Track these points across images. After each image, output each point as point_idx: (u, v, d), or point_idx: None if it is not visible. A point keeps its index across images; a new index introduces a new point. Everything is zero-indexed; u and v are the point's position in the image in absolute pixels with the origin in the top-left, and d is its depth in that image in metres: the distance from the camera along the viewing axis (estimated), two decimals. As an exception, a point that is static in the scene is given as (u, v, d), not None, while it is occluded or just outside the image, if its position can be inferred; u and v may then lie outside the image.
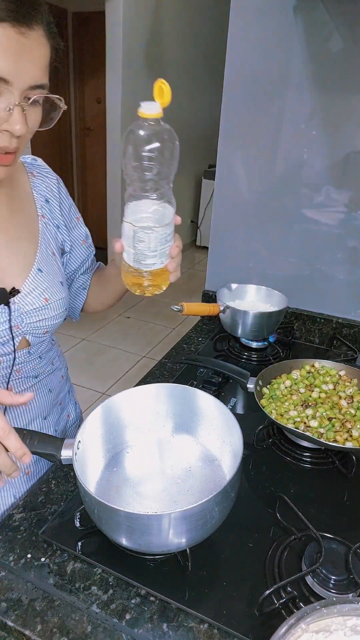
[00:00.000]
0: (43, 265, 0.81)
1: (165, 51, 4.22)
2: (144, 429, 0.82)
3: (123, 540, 0.62)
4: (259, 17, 1.21)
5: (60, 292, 0.83)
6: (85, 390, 2.86)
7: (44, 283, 0.80)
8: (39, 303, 0.79)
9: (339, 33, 1.14)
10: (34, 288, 0.79)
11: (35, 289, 0.79)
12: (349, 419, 0.90)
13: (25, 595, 0.63)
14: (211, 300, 1.51)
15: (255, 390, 0.96)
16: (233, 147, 1.37)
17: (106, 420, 0.78)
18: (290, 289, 1.37)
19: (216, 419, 0.77)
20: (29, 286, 0.78)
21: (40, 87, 0.61)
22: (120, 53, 3.64)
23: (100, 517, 0.62)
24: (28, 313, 0.78)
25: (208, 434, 0.80)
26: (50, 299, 0.80)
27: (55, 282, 0.83)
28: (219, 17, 4.46)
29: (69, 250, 0.92)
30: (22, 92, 0.59)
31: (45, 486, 0.81)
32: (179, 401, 0.81)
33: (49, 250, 0.84)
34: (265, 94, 1.27)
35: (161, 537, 0.60)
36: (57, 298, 0.82)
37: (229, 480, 0.61)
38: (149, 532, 0.60)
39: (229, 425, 0.73)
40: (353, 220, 1.30)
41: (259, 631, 0.60)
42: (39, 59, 0.60)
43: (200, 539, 0.64)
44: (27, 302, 0.78)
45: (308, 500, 0.81)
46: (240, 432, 0.69)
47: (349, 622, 0.52)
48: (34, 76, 0.59)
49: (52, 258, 0.84)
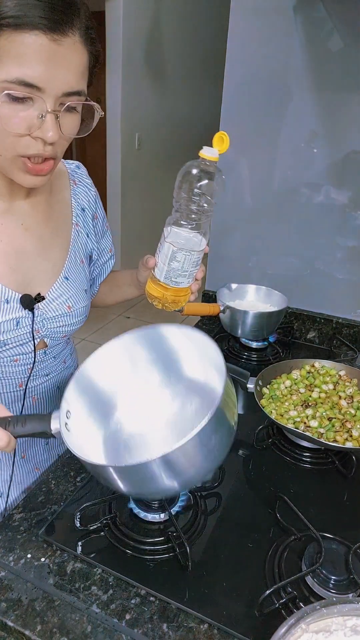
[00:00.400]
0: (70, 272, 0.83)
1: (165, 51, 4.22)
2: (127, 385, 0.75)
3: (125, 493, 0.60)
4: (259, 17, 1.21)
5: (84, 300, 0.84)
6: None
7: (70, 291, 0.82)
8: (62, 310, 0.80)
9: (339, 32, 1.14)
10: (59, 295, 0.80)
11: (60, 296, 0.80)
12: (349, 419, 0.90)
13: (25, 595, 0.63)
14: (211, 300, 1.51)
15: (255, 390, 0.96)
16: (232, 148, 1.37)
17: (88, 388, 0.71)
18: (290, 289, 1.37)
19: (190, 346, 0.71)
20: (54, 293, 0.79)
21: (76, 93, 0.60)
22: (120, 53, 3.64)
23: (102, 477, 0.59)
24: (50, 319, 0.79)
25: (189, 363, 0.73)
26: (73, 306, 0.82)
27: (80, 290, 0.84)
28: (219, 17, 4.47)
29: (96, 259, 0.94)
30: (56, 99, 0.58)
31: (45, 486, 0.81)
32: (150, 346, 0.74)
33: (78, 258, 0.85)
34: (265, 93, 1.27)
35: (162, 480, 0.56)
36: (80, 306, 0.83)
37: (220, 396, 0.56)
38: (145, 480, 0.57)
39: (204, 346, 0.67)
40: (353, 220, 1.30)
41: (259, 631, 0.59)
42: (74, 66, 0.59)
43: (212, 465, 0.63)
44: (50, 308, 0.79)
45: (308, 500, 0.81)
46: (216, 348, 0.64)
47: (349, 622, 0.52)
48: (68, 82, 0.58)
49: (80, 266, 0.85)
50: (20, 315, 0.74)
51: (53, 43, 0.55)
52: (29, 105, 0.58)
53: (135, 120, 4.01)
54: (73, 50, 0.58)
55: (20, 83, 0.55)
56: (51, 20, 0.54)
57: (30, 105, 0.58)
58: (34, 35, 0.54)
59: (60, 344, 0.87)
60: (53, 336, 0.81)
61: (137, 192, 4.24)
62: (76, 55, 0.58)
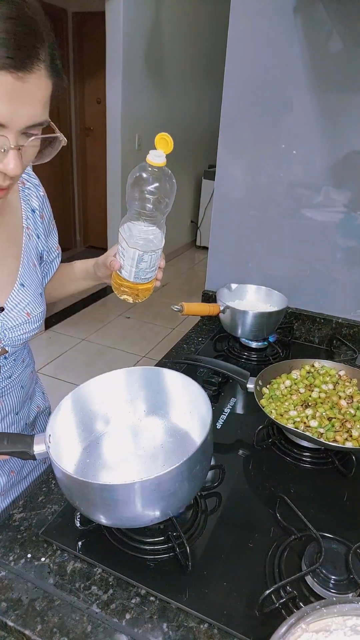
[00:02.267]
0: (25, 279, 0.82)
1: (165, 51, 4.22)
2: (115, 415, 0.82)
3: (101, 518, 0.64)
4: (259, 18, 1.21)
5: (41, 304, 0.84)
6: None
7: (27, 298, 0.81)
8: (21, 318, 0.79)
9: (339, 33, 1.14)
10: (17, 304, 0.79)
11: (18, 305, 0.79)
12: (348, 419, 0.90)
13: (25, 595, 0.63)
14: (211, 300, 1.51)
15: (255, 390, 0.96)
16: (233, 147, 1.37)
17: (76, 410, 0.77)
18: (290, 289, 1.38)
19: (183, 394, 0.78)
20: (12, 302, 0.79)
21: (39, 124, 0.59)
22: (120, 53, 3.64)
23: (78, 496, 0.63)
24: (10, 329, 0.78)
25: (177, 409, 0.80)
26: (32, 313, 0.81)
27: (36, 295, 0.83)
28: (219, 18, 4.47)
29: (46, 259, 0.92)
30: (19, 133, 0.57)
31: (45, 486, 0.81)
32: (147, 383, 0.81)
33: (31, 263, 0.84)
34: (265, 94, 1.27)
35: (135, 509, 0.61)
36: (38, 311, 0.83)
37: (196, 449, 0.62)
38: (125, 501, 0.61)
39: (195, 397, 0.74)
40: (353, 220, 1.30)
41: (259, 631, 0.60)
42: (38, 99, 0.57)
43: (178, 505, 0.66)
44: (10, 317, 0.78)
45: (308, 500, 0.81)
46: (207, 402, 0.70)
47: (349, 622, 0.52)
48: (31, 117, 0.57)
49: (33, 270, 0.84)
50: None
51: (18, 81, 0.53)
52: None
53: (135, 121, 4.00)
54: (38, 85, 0.56)
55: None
56: (17, 59, 0.52)
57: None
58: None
59: (20, 347, 0.86)
60: (13, 344, 0.81)
61: (137, 192, 4.23)
62: (41, 89, 0.57)
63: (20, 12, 0.52)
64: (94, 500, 0.62)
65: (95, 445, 0.79)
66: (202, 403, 0.72)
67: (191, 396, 0.76)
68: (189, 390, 0.76)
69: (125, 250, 0.77)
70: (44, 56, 0.55)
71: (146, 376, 0.81)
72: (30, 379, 0.96)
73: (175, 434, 0.79)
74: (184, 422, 0.79)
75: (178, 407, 0.80)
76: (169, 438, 0.79)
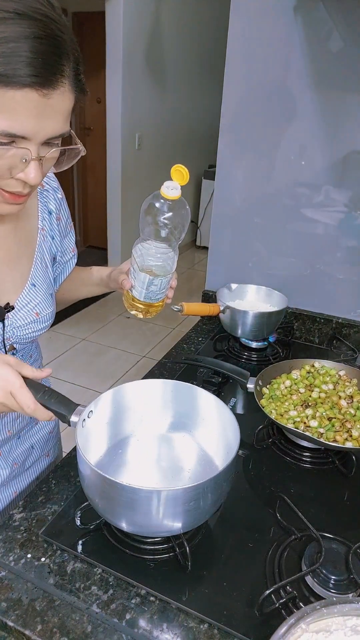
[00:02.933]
0: (37, 279, 0.83)
1: (165, 51, 4.22)
2: (146, 421, 0.84)
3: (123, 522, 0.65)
4: (259, 17, 1.21)
5: (50, 305, 0.85)
6: (85, 390, 2.86)
7: (37, 298, 0.82)
8: (30, 318, 0.81)
9: (339, 33, 1.14)
10: (26, 303, 0.80)
11: (28, 304, 0.81)
12: (348, 419, 0.90)
13: (25, 595, 0.63)
14: (211, 300, 1.51)
15: (255, 390, 0.96)
16: (233, 147, 1.37)
17: (113, 406, 0.80)
18: (290, 289, 1.38)
19: (215, 418, 0.79)
20: (22, 301, 0.80)
21: (60, 136, 0.60)
22: (120, 53, 3.64)
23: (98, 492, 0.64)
24: (19, 327, 0.79)
25: (206, 432, 0.81)
26: (41, 313, 0.82)
27: (47, 295, 0.84)
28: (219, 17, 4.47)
29: (59, 260, 0.93)
30: (40, 144, 0.58)
31: (45, 486, 0.81)
32: (182, 398, 0.82)
33: (43, 263, 0.85)
34: (265, 93, 1.27)
35: (151, 516, 0.62)
36: (47, 312, 0.84)
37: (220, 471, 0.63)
38: (142, 508, 0.62)
39: (225, 425, 0.75)
40: (353, 220, 1.30)
41: (259, 631, 0.60)
42: (60, 113, 0.58)
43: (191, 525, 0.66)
44: (19, 317, 0.79)
45: (308, 500, 0.81)
46: (237, 432, 0.70)
47: (349, 622, 0.52)
48: (54, 130, 0.58)
49: (45, 270, 0.85)
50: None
51: (43, 97, 0.54)
52: (13, 148, 0.57)
53: (135, 120, 4.00)
54: (61, 99, 0.57)
55: (7, 135, 0.55)
56: (42, 77, 0.53)
57: (14, 148, 0.57)
58: (24, 92, 0.52)
59: (28, 345, 0.88)
60: (22, 342, 0.82)
61: (137, 192, 4.24)
62: (64, 103, 0.58)
63: (47, 31, 0.52)
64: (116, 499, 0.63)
65: (119, 448, 0.81)
66: (230, 428, 0.73)
67: (221, 420, 0.77)
68: (220, 413, 0.77)
69: (136, 273, 0.78)
70: (68, 72, 0.56)
71: (180, 391, 0.82)
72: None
73: (199, 452, 0.80)
74: (210, 443, 0.80)
75: (207, 429, 0.81)
76: (192, 455, 0.80)
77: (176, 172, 0.69)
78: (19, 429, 0.91)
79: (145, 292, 0.80)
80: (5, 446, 0.89)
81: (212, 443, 0.80)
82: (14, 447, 0.92)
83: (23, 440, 0.94)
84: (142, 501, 0.61)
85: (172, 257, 0.77)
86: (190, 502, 0.62)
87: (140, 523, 0.65)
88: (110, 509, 0.65)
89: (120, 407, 0.81)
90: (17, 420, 0.90)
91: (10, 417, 0.88)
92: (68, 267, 0.96)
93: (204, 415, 0.81)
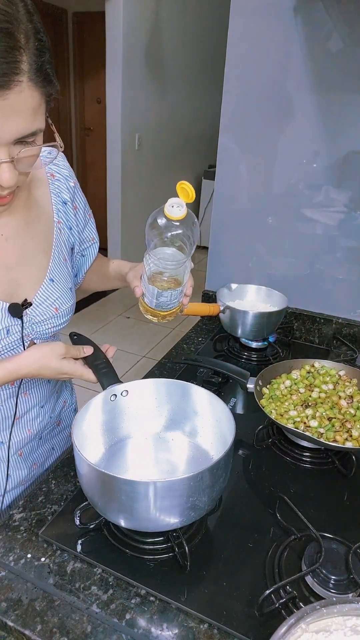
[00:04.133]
0: (55, 274, 0.82)
1: (165, 51, 4.22)
2: (141, 421, 0.84)
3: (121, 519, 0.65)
4: (259, 17, 1.21)
5: (69, 299, 0.84)
6: (84, 390, 2.85)
7: (55, 293, 0.82)
8: (49, 313, 0.80)
9: (339, 33, 1.14)
10: (45, 298, 0.80)
11: (47, 300, 0.80)
12: (348, 419, 0.90)
13: (25, 595, 0.63)
14: (211, 300, 1.51)
15: (255, 390, 0.96)
16: (233, 147, 1.37)
17: (107, 409, 0.80)
18: (290, 289, 1.37)
19: (209, 412, 0.79)
20: (40, 297, 0.79)
21: (32, 134, 0.58)
22: (120, 53, 3.64)
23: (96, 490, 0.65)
24: (38, 323, 0.79)
25: (201, 427, 0.81)
26: (60, 308, 0.82)
27: (66, 289, 0.84)
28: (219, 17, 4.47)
29: (79, 251, 0.92)
30: (9, 146, 0.57)
31: (45, 486, 0.81)
32: (176, 395, 0.83)
33: (62, 257, 0.85)
34: (265, 93, 1.27)
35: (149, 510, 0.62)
36: (66, 306, 0.83)
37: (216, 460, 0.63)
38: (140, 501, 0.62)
39: (220, 418, 0.76)
40: (353, 220, 1.30)
41: (259, 631, 0.59)
42: (23, 111, 0.55)
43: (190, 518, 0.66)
44: (38, 312, 0.79)
45: (308, 500, 0.81)
46: (232, 423, 0.70)
47: (349, 622, 0.52)
48: (19, 130, 0.56)
49: (63, 264, 0.85)
50: (9, 323, 0.75)
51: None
52: None
53: (135, 120, 4.00)
54: (20, 98, 0.53)
55: None
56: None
57: None
58: None
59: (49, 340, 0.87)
60: (42, 337, 0.82)
61: (137, 192, 4.24)
62: (25, 102, 0.54)
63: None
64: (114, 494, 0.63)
65: (115, 449, 0.81)
66: (225, 420, 0.73)
67: (215, 413, 0.78)
68: (214, 406, 0.78)
69: (145, 284, 0.77)
70: (26, 67, 0.52)
71: (173, 389, 0.83)
72: None
73: (196, 448, 0.81)
74: (206, 437, 0.81)
75: (201, 422, 0.82)
76: (189, 452, 0.81)
77: (181, 189, 0.65)
78: (40, 429, 0.91)
79: (156, 302, 0.78)
80: (26, 447, 0.89)
81: (207, 437, 0.80)
82: (35, 447, 0.92)
83: (44, 440, 0.94)
84: (139, 494, 0.61)
85: (182, 271, 0.74)
86: (188, 493, 0.62)
87: (139, 517, 0.65)
88: (109, 505, 0.65)
89: (114, 409, 0.81)
90: (37, 419, 0.90)
91: (29, 416, 0.88)
92: (89, 256, 0.94)
93: (199, 410, 0.81)
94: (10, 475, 0.87)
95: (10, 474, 0.87)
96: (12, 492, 0.89)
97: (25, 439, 0.88)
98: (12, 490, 0.89)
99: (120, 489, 0.62)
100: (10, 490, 0.88)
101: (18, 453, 0.88)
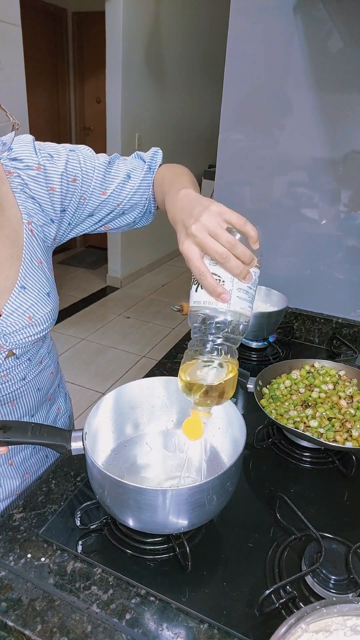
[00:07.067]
0: (27, 280, 0.77)
1: (165, 51, 4.22)
2: (147, 421, 0.84)
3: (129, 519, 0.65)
4: (259, 17, 1.21)
5: (46, 305, 0.79)
6: (84, 390, 2.86)
7: (28, 301, 0.76)
8: (22, 323, 0.75)
9: (339, 32, 1.14)
10: (16, 308, 0.75)
11: (18, 309, 0.75)
12: (348, 419, 0.90)
13: (25, 595, 0.63)
14: (211, 300, 1.51)
15: (255, 390, 0.96)
16: (233, 147, 1.37)
17: (113, 410, 0.80)
18: (290, 289, 1.37)
19: (220, 413, 0.79)
20: (10, 307, 0.75)
21: None
22: (120, 53, 3.64)
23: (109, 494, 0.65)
24: (10, 334, 0.75)
25: (211, 428, 0.81)
26: (34, 316, 0.77)
27: (41, 296, 0.78)
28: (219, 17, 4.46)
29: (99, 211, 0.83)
30: None
31: (45, 486, 0.81)
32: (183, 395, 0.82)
33: (35, 261, 0.78)
34: (265, 93, 1.27)
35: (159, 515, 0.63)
36: (42, 314, 0.78)
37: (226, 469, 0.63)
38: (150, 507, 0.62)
39: (231, 417, 0.75)
40: (353, 220, 1.30)
41: (259, 631, 0.59)
42: None
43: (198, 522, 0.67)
44: (9, 323, 0.74)
45: (308, 500, 0.81)
46: (242, 424, 0.70)
47: (349, 622, 0.52)
48: None
49: (37, 269, 0.79)
50: None
51: None
52: None
53: (135, 120, 4.00)
54: None
55: None
56: None
57: None
58: None
59: (31, 348, 0.82)
60: (19, 347, 0.77)
61: (137, 192, 4.23)
62: None
63: None
64: (126, 501, 0.63)
65: (124, 448, 0.81)
66: (236, 424, 0.73)
67: (227, 416, 0.77)
68: (225, 409, 0.77)
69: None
70: None
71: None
72: (49, 380, 0.92)
73: (206, 447, 0.80)
74: (216, 439, 0.81)
75: (211, 424, 0.81)
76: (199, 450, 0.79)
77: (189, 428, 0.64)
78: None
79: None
80: (17, 456, 0.87)
81: (218, 438, 0.80)
82: (28, 457, 0.90)
83: (37, 449, 0.92)
84: (150, 501, 0.62)
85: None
86: (199, 499, 0.62)
87: (148, 521, 0.65)
88: (119, 508, 0.65)
89: (124, 407, 0.81)
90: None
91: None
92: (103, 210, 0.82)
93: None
94: (1, 485, 0.85)
95: (2, 483, 0.85)
96: (4, 502, 0.87)
97: (15, 448, 0.86)
98: (5, 500, 0.87)
99: (131, 496, 0.62)
100: (2, 500, 0.87)
101: (9, 462, 0.86)
